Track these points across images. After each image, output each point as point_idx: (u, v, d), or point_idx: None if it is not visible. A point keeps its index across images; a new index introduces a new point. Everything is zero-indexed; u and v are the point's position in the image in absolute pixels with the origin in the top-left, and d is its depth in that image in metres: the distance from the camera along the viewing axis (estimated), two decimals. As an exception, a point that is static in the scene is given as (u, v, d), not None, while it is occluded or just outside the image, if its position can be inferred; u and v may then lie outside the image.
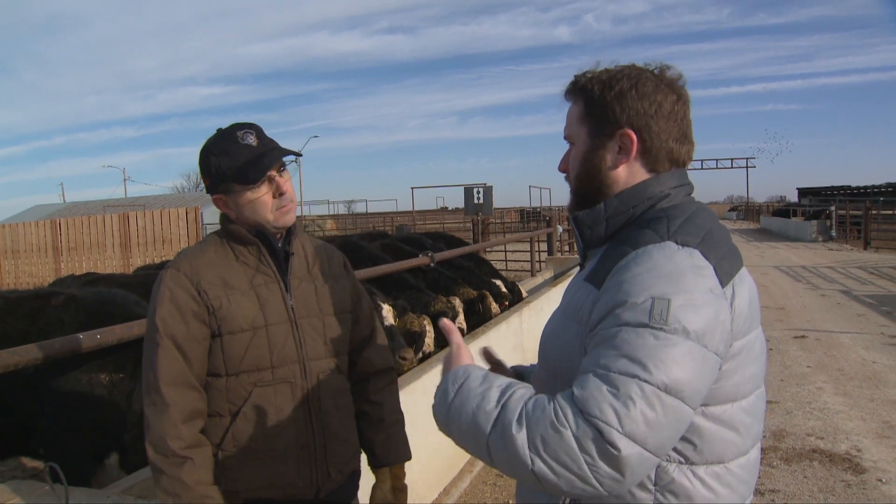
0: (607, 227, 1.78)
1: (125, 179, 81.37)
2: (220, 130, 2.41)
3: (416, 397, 5.29)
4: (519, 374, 2.16)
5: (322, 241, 2.79)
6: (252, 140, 2.34)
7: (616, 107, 1.76)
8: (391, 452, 2.70)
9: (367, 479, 2.73)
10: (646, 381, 1.43)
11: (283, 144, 2.42)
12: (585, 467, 1.41)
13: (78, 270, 23.39)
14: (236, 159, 2.31)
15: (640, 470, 1.43)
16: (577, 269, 1.96)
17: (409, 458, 2.74)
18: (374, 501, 2.65)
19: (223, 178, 2.34)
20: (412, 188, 39.42)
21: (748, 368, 1.65)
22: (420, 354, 7.01)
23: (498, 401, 1.52)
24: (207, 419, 2.35)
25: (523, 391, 1.54)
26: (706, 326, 1.50)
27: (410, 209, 42.95)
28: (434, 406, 1.64)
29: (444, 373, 1.70)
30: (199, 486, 2.22)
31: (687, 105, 1.82)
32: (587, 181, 1.83)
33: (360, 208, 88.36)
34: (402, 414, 2.84)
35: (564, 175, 1.93)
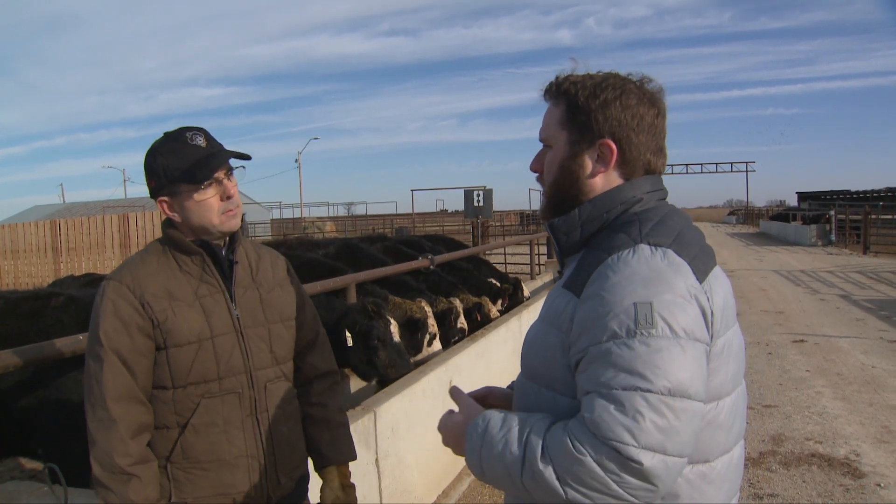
0: (582, 233, 1.79)
1: (125, 180, 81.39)
2: (167, 133, 2.39)
3: (415, 399, 5.31)
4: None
5: (265, 246, 2.78)
6: (201, 141, 2.33)
7: (599, 116, 1.76)
8: (338, 452, 2.68)
9: (315, 482, 2.74)
10: (648, 391, 1.45)
11: (284, 146, 2.45)
12: (616, 487, 1.44)
13: (77, 271, 23.37)
14: (185, 159, 2.30)
15: (670, 475, 1.47)
16: (558, 276, 1.97)
17: (354, 457, 2.73)
18: (325, 501, 2.63)
19: (171, 178, 2.31)
20: (412, 190, 39.53)
21: (729, 366, 1.68)
22: (427, 336, 7.05)
23: (519, 442, 1.56)
24: (155, 432, 2.33)
25: (540, 424, 1.58)
26: (692, 321, 1.53)
27: (410, 211, 42.94)
28: (467, 461, 1.68)
29: (465, 424, 1.75)
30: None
31: (665, 119, 1.84)
32: (564, 188, 1.84)
33: (359, 210, 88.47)
34: (346, 416, 2.83)
35: (536, 176, 1.94)
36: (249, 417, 2.40)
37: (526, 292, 10.89)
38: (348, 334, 5.87)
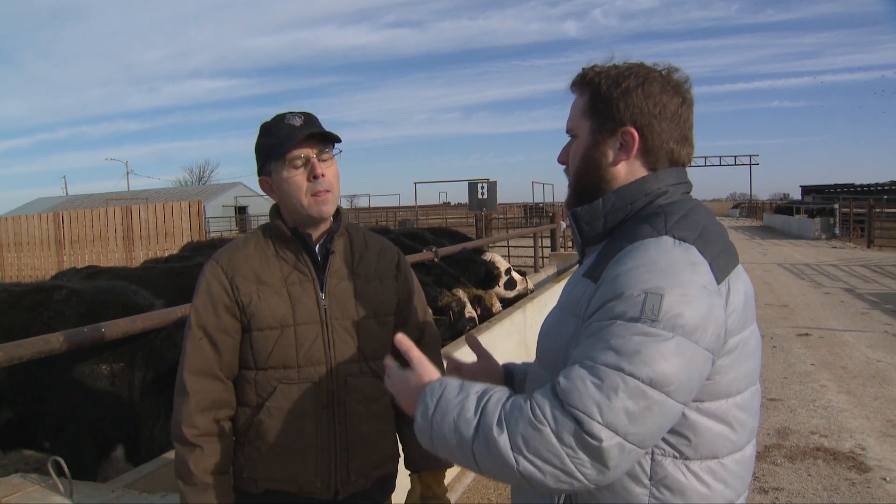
0: (605, 223, 1.78)
1: (128, 173, 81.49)
2: (276, 115, 2.43)
3: (420, 392, 5.27)
4: (509, 371, 2.17)
5: (378, 236, 2.71)
6: (297, 122, 2.34)
7: (621, 104, 1.75)
8: (425, 458, 2.61)
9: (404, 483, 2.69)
10: (631, 375, 1.44)
11: None
12: (568, 461, 1.43)
13: (81, 263, 23.40)
14: (276, 137, 2.33)
15: (623, 461, 1.45)
16: (577, 265, 1.95)
17: (447, 465, 2.66)
18: None
19: (264, 156, 2.38)
20: (415, 183, 39.45)
21: (743, 365, 1.66)
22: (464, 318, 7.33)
23: (476, 407, 1.53)
24: (239, 409, 2.40)
25: (500, 394, 1.56)
26: (698, 322, 1.50)
27: (413, 204, 42.94)
28: (416, 425, 1.63)
29: (418, 391, 1.68)
30: (204, 475, 2.27)
31: (691, 109, 1.82)
32: (586, 176, 1.83)
33: (362, 203, 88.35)
34: None
35: (564, 167, 1.93)
36: (325, 410, 2.39)
37: (529, 285, 10.88)
38: None
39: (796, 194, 77.15)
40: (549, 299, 9.78)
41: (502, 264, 7.40)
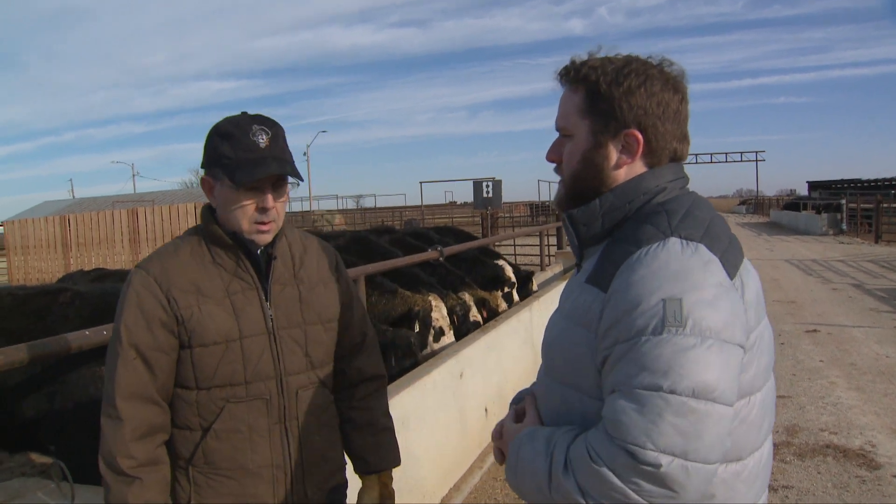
0: (603, 224, 1.73)
1: (134, 175, 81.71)
2: (243, 113, 2.25)
3: (426, 392, 5.26)
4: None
5: (314, 237, 2.58)
6: (262, 140, 2.16)
7: (624, 104, 1.68)
8: (381, 458, 2.56)
9: (353, 486, 2.63)
10: (671, 392, 1.39)
11: (293, 139, 2.26)
12: (635, 496, 1.40)
13: (87, 266, 23.43)
14: (235, 151, 2.15)
15: (693, 481, 1.40)
16: (576, 269, 1.90)
17: (398, 463, 2.61)
18: None
19: (216, 162, 2.18)
20: (421, 182, 39.48)
21: (761, 360, 1.62)
22: (431, 331, 7.00)
23: (546, 455, 1.55)
24: (177, 431, 2.25)
25: (565, 437, 1.56)
26: (724, 321, 1.46)
27: (419, 203, 42.97)
28: (507, 479, 1.69)
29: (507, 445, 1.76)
30: None
31: (688, 104, 1.77)
32: (586, 180, 1.76)
33: (368, 203, 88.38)
34: (391, 420, 2.68)
35: (554, 166, 1.86)
36: (277, 425, 2.27)
37: (533, 285, 10.84)
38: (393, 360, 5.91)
39: (803, 190, 76.86)
40: (556, 297, 9.58)
41: (440, 314, 7.07)
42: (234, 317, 2.21)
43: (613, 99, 1.69)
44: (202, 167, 2.28)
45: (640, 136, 1.69)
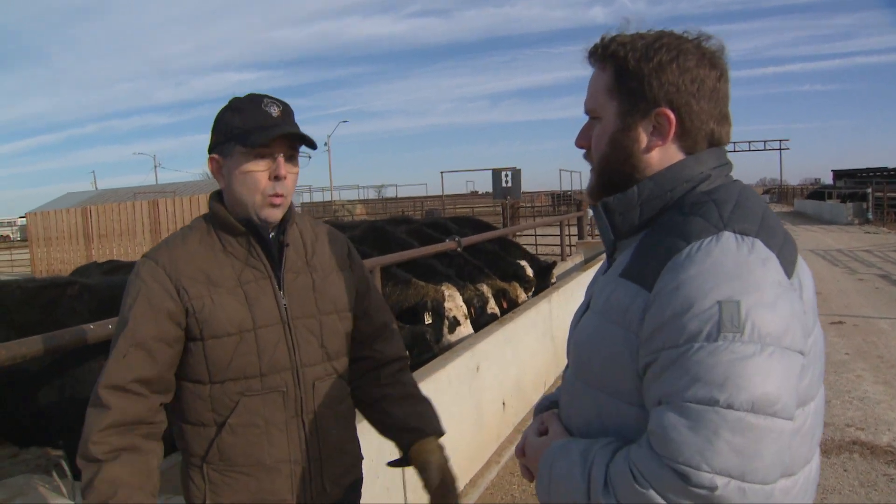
0: (641, 214, 1.58)
1: (155, 166, 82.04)
2: (249, 94, 2.20)
3: (441, 386, 5.17)
4: (556, 403, 1.93)
5: (325, 224, 2.52)
6: (274, 111, 2.13)
7: (654, 82, 1.54)
8: (431, 423, 2.44)
9: (368, 481, 2.53)
10: (728, 407, 1.26)
11: (314, 129, 2.22)
12: None
13: (109, 257, 23.63)
14: (248, 120, 2.11)
15: (751, 502, 1.27)
16: (607, 262, 1.76)
17: (444, 432, 2.48)
18: (433, 478, 2.34)
19: (228, 135, 2.13)
20: (441, 172, 39.50)
21: (816, 366, 1.49)
22: (445, 322, 6.87)
23: (583, 473, 1.44)
24: (190, 428, 2.17)
25: (603, 453, 1.45)
26: (785, 325, 1.32)
27: (440, 193, 43.05)
28: (539, 498, 1.60)
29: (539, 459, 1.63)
30: (127, 490, 1.97)
31: (728, 82, 1.62)
32: (616, 164, 1.62)
33: (389, 193, 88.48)
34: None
35: (584, 152, 1.73)
36: (294, 419, 2.19)
37: (553, 276, 10.71)
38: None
39: (828, 179, 76.13)
40: (577, 288, 9.69)
41: (454, 304, 7.00)
42: (248, 306, 2.14)
43: (643, 76, 1.56)
44: (210, 150, 2.22)
45: (671, 116, 1.55)
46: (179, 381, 2.16)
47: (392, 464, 2.49)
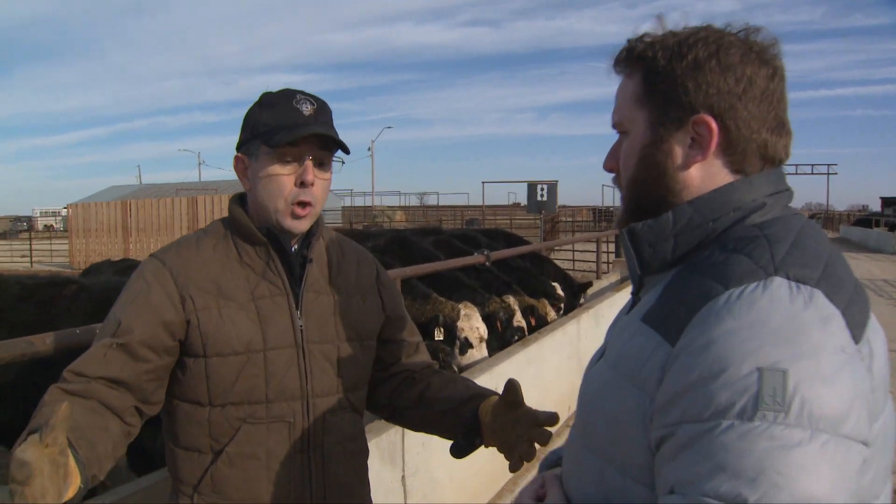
0: (676, 246, 1.28)
1: (200, 164, 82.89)
2: (283, 88, 2.00)
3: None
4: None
5: (354, 243, 2.28)
6: (307, 109, 1.92)
7: (689, 83, 1.26)
8: (483, 390, 2.14)
9: None
10: None
11: (359, 134, 1.98)
12: None
13: (146, 251, 23.78)
14: (276, 117, 1.91)
15: None
16: (631, 301, 1.45)
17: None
18: (516, 407, 1.98)
19: (253, 131, 1.94)
20: (483, 182, 39.42)
21: (883, 458, 1.14)
22: (456, 343, 6.55)
23: None
24: (182, 453, 1.93)
25: None
26: (846, 406, 1.00)
27: (481, 203, 43.02)
28: None
29: None
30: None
31: (784, 81, 1.31)
32: (647, 185, 1.34)
33: (431, 200, 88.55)
34: None
35: (613, 176, 1.45)
36: (300, 454, 1.95)
37: (586, 295, 10.41)
38: None
39: (876, 206, 74.80)
40: (608, 310, 9.42)
41: (468, 325, 6.73)
42: (259, 324, 1.91)
43: (675, 77, 1.28)
44: (237, 149, 2.03)
45: (712, 124, 1.25)
46: (175, 400, 1.94)
47: (459, 450, 2.12)
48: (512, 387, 1.96)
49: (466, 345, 6.55)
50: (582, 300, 10.18)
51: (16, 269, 26.08)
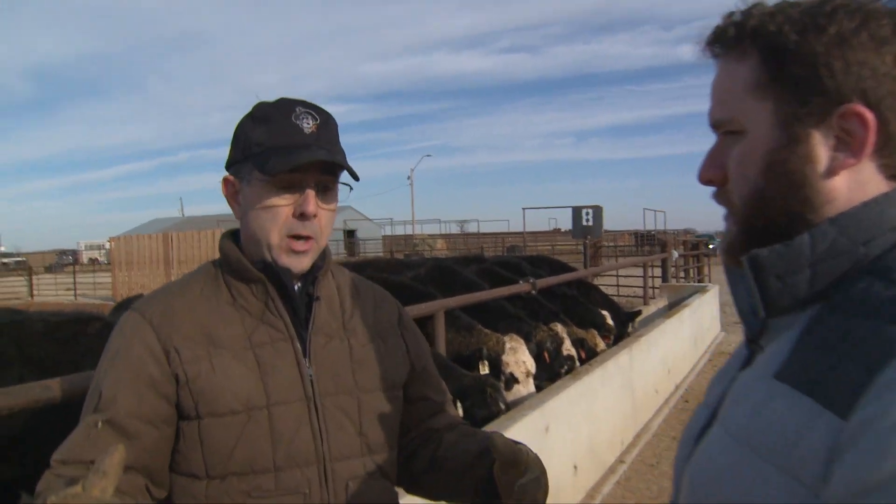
0: (813, 278, 0.97)
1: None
2: (280, 98, 1.69)
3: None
4: None
5: (368, 281, 1.95)
6: (308, 125, 1.61)
7: (835, 63, 0.96)
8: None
9: None
10: None
11: (398, 163, 1.64)
12: None
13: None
14: (272, 137, 1.59)
15: None
16: (745, 348, 1.12)
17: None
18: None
19: (245, 151, 1.62)
20: (524, 209, 39.23)
21: None
22: (502, 378, 6.15)
23: None
24: None
25: None
26: None
27: (522, 230, 42.86)
28: None
29: None
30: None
31: None
32: (776, 200, 1.02)
33: (471, 228, 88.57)
34: None
35: (713, 191, 1.11)
36: None
37: (635, 323, 10.03)
38: (459, 405, 5.09)
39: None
40: (659, 337, 9.08)
41: (514, 359, 6.18)
42: (260, 376, 1.58)
43: (814, 55, 0.97)
44: (227, 167, 1.72)
45: (868, 117, 0.94)
46: (170, 473, 1.61)
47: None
48: (497, 448, 1.48)
49: (512, 380, 6.16)
50: (630, 329, 9.78)
51: (59, 303, 26.31)
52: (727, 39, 1.06)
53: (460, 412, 5.13)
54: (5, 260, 70.33)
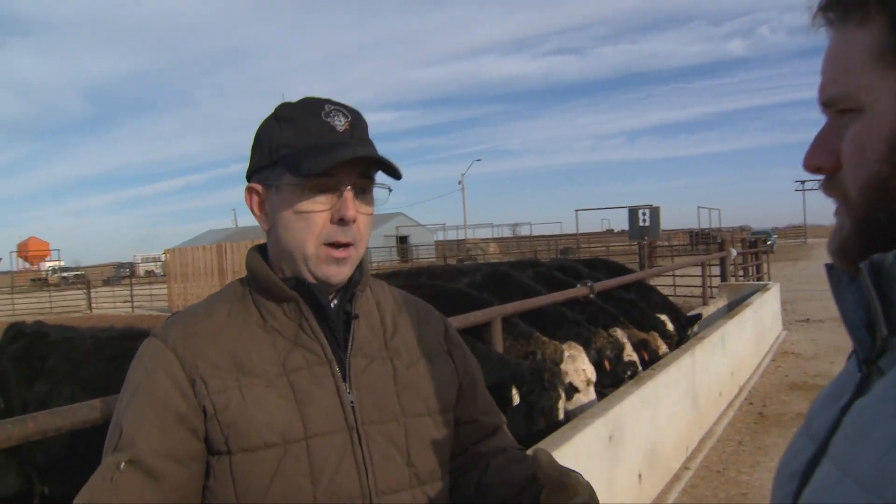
0: None
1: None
2: (305, 98, 1.57)
3: (566, 462, 4.40)
4: None
5: (412, 296, 1.80)
6: (340, 123, 1.49)
7: None
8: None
9: None
10: None
11: (449, 168, 1.52)
12: None
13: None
14: (303, 137, 1.47)
15: None
16: (856, 365, 0.93)
17: None
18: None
19: (272, 155, 1.49)
20: (576, 210, 39.03)
21: None
22: (561, 388, 5.96)
23: None
24: None
25: None
26: None
27: (574, 232, 42.60)
28: None
29: None
30: None
31: None
32: None
33: (524, 231, 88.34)
34: None
35: (823, 179, 0.93)
36: None
37: (695, 325, 9.78)
38: (515, 392, 4.97)
39: None
40: (721, 339, 8.87)
41: (573, 367, 5.92)
42: (296, 405, 1.45)
43: None
44: (248, 177, 1.60)
45: None
46: None
47: None
48: (541, 465, 1.29)
49: (572, 389, 5.98)
50: (690, 332, 9.52)
51: (117, 314, 26.67)
52: (846, 2, 0.88)
53: (516, 399, 4.99)
54: (65, 274, 71.82)
